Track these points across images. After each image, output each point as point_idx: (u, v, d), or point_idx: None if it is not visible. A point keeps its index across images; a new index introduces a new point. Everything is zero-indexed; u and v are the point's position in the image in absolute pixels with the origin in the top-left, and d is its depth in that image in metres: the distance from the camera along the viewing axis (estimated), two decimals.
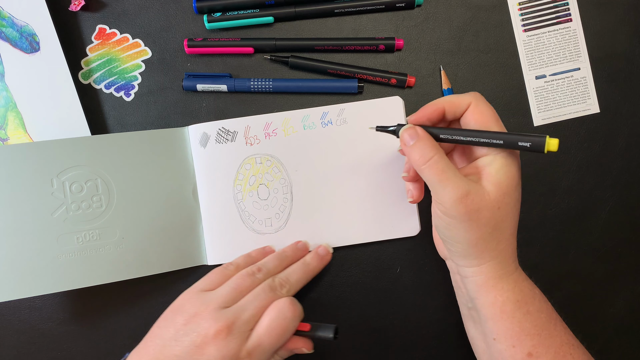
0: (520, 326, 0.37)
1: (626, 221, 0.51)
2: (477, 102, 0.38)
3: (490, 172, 0.36)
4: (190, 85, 0.49)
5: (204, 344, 0.37)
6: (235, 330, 0.38)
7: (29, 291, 0.44)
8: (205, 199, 0.48)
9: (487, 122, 0.37)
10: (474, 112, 0.38)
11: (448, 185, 0.36)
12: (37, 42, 0.48)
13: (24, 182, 0.44)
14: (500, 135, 0.35)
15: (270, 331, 0.39)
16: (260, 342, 0.38)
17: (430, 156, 0.36)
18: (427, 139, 0.37)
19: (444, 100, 0.39)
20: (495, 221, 0.36)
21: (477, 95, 0.38)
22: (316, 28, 0.50)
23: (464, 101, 0.38)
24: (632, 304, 0.51)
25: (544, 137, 0.33)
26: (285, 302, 0.40)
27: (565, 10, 0.50)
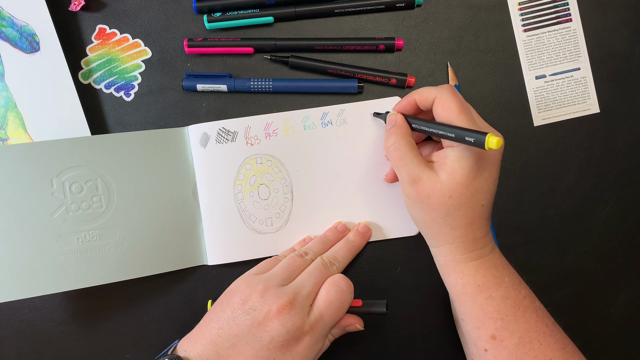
0: (482, 309, 0.40)
1: (626, 221, 0.51)
2: (441, 96, 0.40)
3: (447, 162, 0.39)
4: (190, 85, 0.49)
5: (267, 319, 0.38)
6: (298, 305, 0.39)
7: (29, 291, 0.44)
8: (205, 199, 0.48)
9: (448, 116, 0.39)
10: (437, 106, 0.40)
11: (404, 170, 0.40)
12: (37, 42, 0.48)
13: (23, 182, 0.44)
14: (452, 130, 0.38)
15: (330, 304, 0.40)
16: (321, 316, 0.39)
17: (394, 141, 0.41)
18: (399, 125, 0.42)
19: (416, 93, 0.42)
20: (446, 208, 0.39)
21: (445, 88, 0.40)
22: (316, 28, 0.50)
23: (429, 95, 0.40)
24: (632, 304, 0.51)
25: (485, 134, 0.35)
26: (339, 276, 0.42)
27: (565, 10, 0.50)
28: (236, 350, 0.38)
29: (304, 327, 0.39)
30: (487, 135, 0.35)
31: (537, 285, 0.50)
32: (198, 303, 0.50)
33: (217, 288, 0.50)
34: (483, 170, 0.39)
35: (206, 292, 0.50)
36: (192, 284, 0.50)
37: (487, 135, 0.35)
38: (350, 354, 0.50)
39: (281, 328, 0.38)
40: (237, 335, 0.38)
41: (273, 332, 0.38)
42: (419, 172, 0.39)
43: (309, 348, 0.39)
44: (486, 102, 0.50)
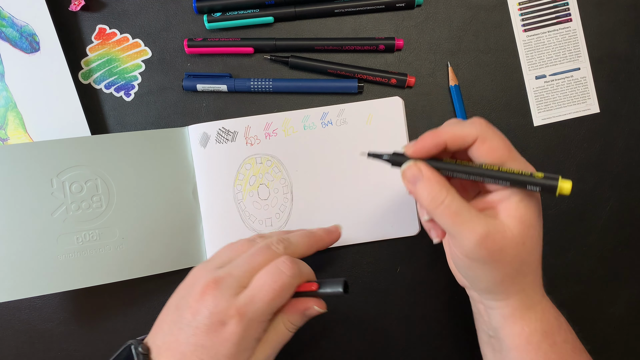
0: (545, 357, 0.36)
1: (626, 221, 0.51)
2: (484, 137, 0.33)
3: (509, 207, 0.33)
4: (190, 85, 0.49)
5: (194, 302, 0.35)
6: (223, 285, 0.35)
7: (29, 291, 0.44)
8: (205, 199, 0.48)
9: (498, 158, 0.33)
10: (481, 149, 0.33)
11: (465, 229, 0.32)
12: (37, 42, 0.48)
13: (24, 182, 0.44)
14: (507, 176, 0.32)
15: (263, 286, 0.35)
16: (252, 299, 0.35)
17: (441, 200, 0.33)
18: (433, 178, 0.33)
19: (446, 134, 0.34)
20: (521, 257, 0.33)
21: (484, 125, 0.34)
22: (316, 28, 0.50)
23: (469, 135, 0.33)
24: (632, 304, 0.51)
25: (556, 179, 0.31)
26: (283, 258, 0.37)
27: (565, 10, 0.50)
28: (174, 336, 0.35)
29: (229, 309, 0.34)
30: (559, 179, 0.31)
31: None
32: None
33: None
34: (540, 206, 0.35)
35: None
36: None
37: (559, 180, 0.31)
38: (350, 353, 0.50)
39: (204, 310, 0.34)
40: (174, 321, 0.36)
41: (197, 314, 0.35)
42: (485, 226, 0.32)
43: (237, 334, 0.34)
44: (486, 102, 0.50)
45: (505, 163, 0.33)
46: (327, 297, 0.38)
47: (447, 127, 0.34)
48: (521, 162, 0.34)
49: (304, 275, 0.37)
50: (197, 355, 0.34)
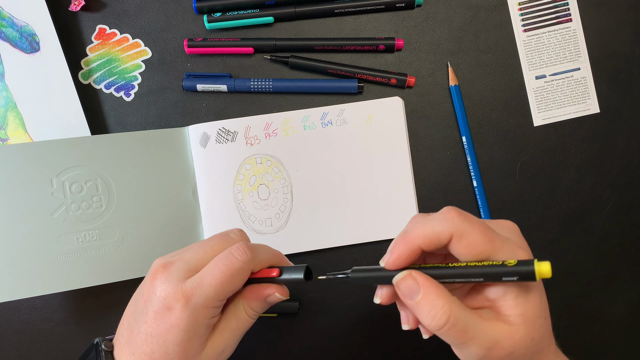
0: None
1: (626, 221, 0.51)
2: (460, 233, 0.30)
3: (508, 305, 0.30)
4: (190, 85, 0.49)
5: (147, 289, 0.34)
6: (172, 269, 0.34)
7: (29, 291, 0.44)
8: (205, 199, 0.48)
9: (480, 253, 0.30)
10: (460, 246, 0.30)
11: (474, 344, 0.30)
12: (37, 42, 0.48)
13: (23, 182, 0.44)
14: (478, 271, 0.29)
15: (213, 270, 0.33)
16: (199, 283, 0.33)
17: (446, 318, 0.29)
18: (433, 291, 0.30)
19: (418, 239, 0.31)
20: (532, 351, 0.31)
21: (457, 220, 0.30)
22: (316, 28, 0.50)
23: (442, 234, 0.30)
24: (632, 304, 0.51)
25: (531, 263, 0.28)
26: (237, 244, 0.35)
27: (565, 10, 0.50)
28: (130, 329, 0.34)
29: (176, 294, 0.32)
30: (534, 262, 0.28)
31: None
32: None
33: None
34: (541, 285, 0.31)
35: None
36: None
37: (535, 263, 0.28)
38: (350, 353, 0.50)
39: (152, 295, 0.33)
40: (132, 312, 0.35)
41: (148, 301, 0.33)
42: (492, 337, 0.29)
43: (184, 320, 0.32)
44: (486, 102, 0.50)
45: (490, 257, 0.30)
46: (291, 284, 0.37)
47: (417, 229, 0.31)
48: (509, 250, 0.30)
49: (260, 261, 0.35)
50: (147, 345, 0.33)
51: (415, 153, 0.50)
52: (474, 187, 0.50)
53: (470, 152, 0.49)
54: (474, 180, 0.50)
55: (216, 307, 0.34)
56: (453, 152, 0.50)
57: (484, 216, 0.50)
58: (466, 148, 0.50)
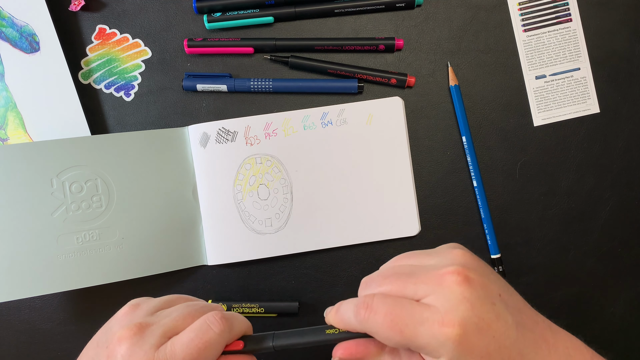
0: None
1: (626, 221, 0.51)
2: (372, 334, 0.29)
3: None
4: (190, 85, 0.49)
5: (113, 345, 0.32)
6: (146, 335, 0.32)
7: (29, 291, 0.44)
8: (205, 199, 0.48)
9: (397, 345, 0.29)
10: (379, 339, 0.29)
11: None
12: (37, 42, 0.48)
13: (23, 182, 0.44)
14: None
15: (187, 342, 0.31)
16: (173, 354, 0.31)
17: None
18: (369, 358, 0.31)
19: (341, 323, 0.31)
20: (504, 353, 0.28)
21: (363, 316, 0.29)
22: (316, 28, 0.50)
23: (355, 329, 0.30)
24: (632, 304, 0.51)
25: None
26: (213, 312, 0.33)
27: (565, 10, 0.50)
28: None
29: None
30: None
31: (537, 285, 0.50)
32: None
33: (217, 288, 0.50)
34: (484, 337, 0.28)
35: (206, 292, 0.50)
36: (192, 284, 0.50)
37: None
38: None
39: (118, 357, 0.31)
40: (92, 358, 0.33)
41: (110, 357, 0.31)
42: None
43: None
44: (486, 102, 0.50)
45: (407, 344, 0.28)
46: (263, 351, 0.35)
47: (341, 313, 0.31)
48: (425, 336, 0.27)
49: (235, 331, 0.34)
50: None
51: (415, 153, 0.50)
52: (474, 187, 0.50)
53: (470, 152, 0.49)
54: (474, 180, 0.50)
55: None
56: (453, 152, 0.50)
57: (484, 216, 0.50)
58: (466, 148, 0.50)
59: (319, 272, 0.50)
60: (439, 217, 0.50)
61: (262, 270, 0.50)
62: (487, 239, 0.50)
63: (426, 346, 0.27)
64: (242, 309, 0.48)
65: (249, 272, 0.50)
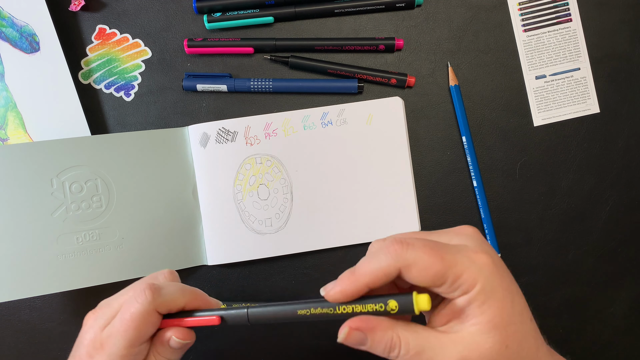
0: None
1: (626, 221, 0.51)
2: (406, 266, 0.28)
3: (474, 313, 0.28)
4: (190, 85, 0.49)
5: (80, 334, 0.34)
6: (98, 315, 0.34)
7: (29, 291, 0.44)
8: (205, 199, 0.48)
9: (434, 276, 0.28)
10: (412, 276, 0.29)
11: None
12: (37, 42, 0.48)
13: (23, 182, 0.44)
14: None
15: (120, 316, 0.33)
16: (111, 330, 0.32)
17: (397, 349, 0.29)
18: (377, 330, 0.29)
19: (364, 276, 0.29)
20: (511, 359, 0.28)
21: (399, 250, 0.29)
22: (316, 28, 0.50)
23: (388, 269, 0.29)
24: (632, 304, 0.51)
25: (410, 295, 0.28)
26: (139, 285, 0.34)
27: (565, 10, 0.50)
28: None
29: (95, 341, 0.33)
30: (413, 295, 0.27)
31: (537, 285, 0.50)
32: None
33: (217, 288, 0.50)
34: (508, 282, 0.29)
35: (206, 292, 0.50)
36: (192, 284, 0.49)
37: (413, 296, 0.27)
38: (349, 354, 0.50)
39: (81, 339, 0.34)
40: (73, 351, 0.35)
41: (78, 344, 0.34)
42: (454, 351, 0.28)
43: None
44: (486, 102, 0.50)
45: (446, 274, 0.28)
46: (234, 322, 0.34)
47: (364, 267, 0.30)
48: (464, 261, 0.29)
49: (165, 300, 0.33)
50: None
51: (415, 153, 0.50)
52: (474, 187, 0.50)
53: (470, 152, 0.49)
54: (474, 180, 0.50)
55: (134, 355, 0.33)
56: (453, 152, 0.50)
57: (484, 216, 0.50)
58: (466, 148, 0.50)
59: (319, 272, 0.50)
60: (439, 217, 0.50)
61: (262, 270, 0.50)
62: (487, 239, 0.50)
63: (465, 271, 0.28)
64: None
65: (249, 272, 0.50)
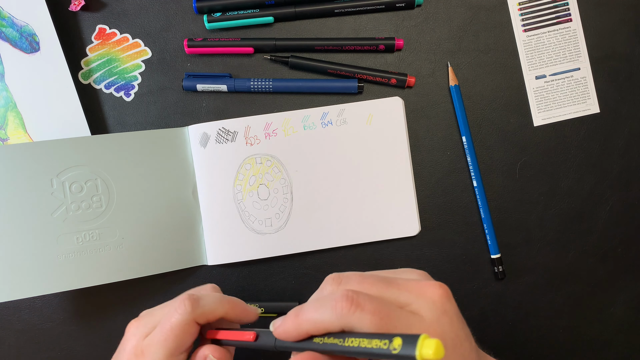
0: None
1: (626, 221, 0.51)
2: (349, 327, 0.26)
3: None
4: (190, 85, 0.49)
5: (123, 339, 0.36)
6: (141, 323, 0.35)
7: (29, 291, 0.44)
8: (205, 199, 0.48)
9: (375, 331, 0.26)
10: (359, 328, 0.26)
11: None
12: (37, 42, 0.48)
13: (23, 182, 0.44)
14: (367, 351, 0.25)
15: (160, 326, 0.34)
16: (152, 340, 0.34)
17: None
18: None
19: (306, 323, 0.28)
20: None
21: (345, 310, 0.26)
22: (316, 28, 0.50)
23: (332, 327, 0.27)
24: (632, 304, 0.51)
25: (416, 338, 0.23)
26: (181, 297, 0.34)
27: (565, 10, 0.50)
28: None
29: (137, 349, 0.34)
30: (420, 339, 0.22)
31: (537, 285, 0.50)
32: None
33: None
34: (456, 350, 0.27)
35: None
36: (192, 284, 0.50)
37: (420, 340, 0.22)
38: None
39: (124, 346, 0.35)
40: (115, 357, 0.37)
41: (120, 350, 0.35)
42: None
43: None
44: (486, 102, 0.50)
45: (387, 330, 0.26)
46: None
47: (308, 314, 0.28)
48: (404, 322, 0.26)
49: (204, 312, 0.34)
50: None
51: (415, 153, 0.50)
52: (474, 187, 0.50)
53: (470, 152, 0.49)
54: (474, 180, 0.50)
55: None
56: (453, 152, 0.50)
57: (484, 216, 0.50)
58: (466, 148, 0.50)
59: (319, 272, 0.50)
60: (439, 217, 0.50)
61: (262, 270, 0.50)
62: (487, 239, 0.50)
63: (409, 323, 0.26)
64: None
65: (249, 272, 0.50)
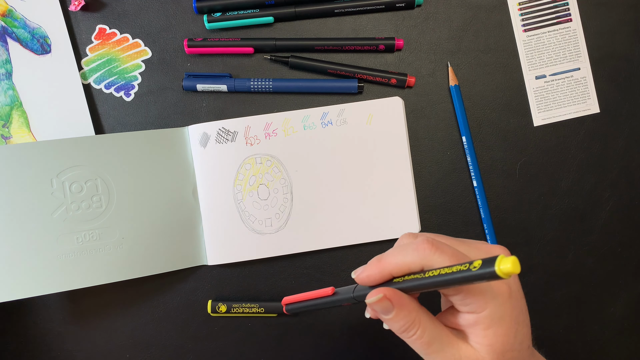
0: None
1: (626, 221, 0.51)
2: (429, 265, 0.29)
3: (477, 334, 0.31)
4: (190, 85, 0.49)
5: None
6: None
7: (29, 291, 0.44)
8: (205, 199, 0.49)
9: None
10: None
11: (437, 357, 0.31)
12: (49, 45, 0.48)
13: (23, 182, 0.44)
14: (443, 279, 0.28)
15: None
16: None
17: (414, 330, 0.31)
18: (405, 309, 0.31)
19: (389, 265, 0.31)
20: None
21: (427, 250, 0.29)
22: (316, 28, 0.50)
23: (413, 265, 0.30)
24: (632, 304, 0.51)
25: (494, 259, 0.24)
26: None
27: (565, 10, 0.50)
28: None
29: None
30: (498, 258, 0.24)
31: (537, 285, 0.50)
32: (198, 303, 0.50)
33: (217, 288, 0.50)
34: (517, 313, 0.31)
35: (206, 292, 0.50)
36: (192, 284, 0.50)
37: (498, 259, 0.24)
38: (350, 355, 0.50)
39: None
40: None
41: None
42: (456, 354, 0.31)
43: None
44: (486, 102, 0.50)
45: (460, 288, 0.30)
46: None
47: (390, 257, 0.31)
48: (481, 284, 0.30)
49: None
50: None
51: (415, 153, 0.50)
52: (474, 187, 0.50)
53: (470, 152, 0.49)
54: (474, 180, 0.50)
55: None
56: (453, 152, 0.50)
57: (484, 216, 0.50)
58: (466, 148, 0.50)
59: (319, 272, 0.50)
60: (439, 217, 0.50)
61: (262, 270, 0.50)
62: (487, 239, 0.50)
63: (479, 293, 0.29)
64: (242, 309, 0.48)
65: (249, 272, 0.50)
